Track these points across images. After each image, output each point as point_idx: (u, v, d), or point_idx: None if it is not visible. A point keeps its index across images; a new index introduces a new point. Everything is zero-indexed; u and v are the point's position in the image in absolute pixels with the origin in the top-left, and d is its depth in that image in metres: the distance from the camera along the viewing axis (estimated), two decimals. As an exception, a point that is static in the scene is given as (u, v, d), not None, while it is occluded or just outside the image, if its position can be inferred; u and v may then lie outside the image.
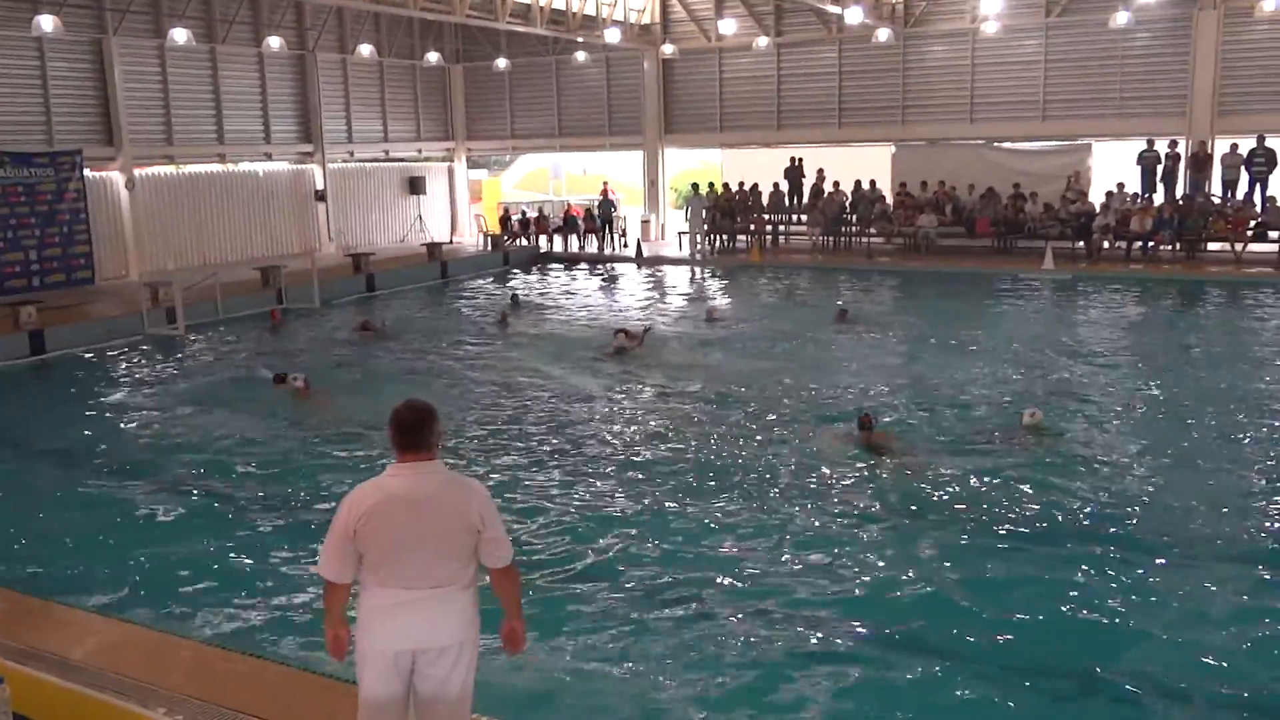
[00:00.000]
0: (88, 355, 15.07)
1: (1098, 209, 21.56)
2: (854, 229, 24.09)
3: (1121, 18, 20.92)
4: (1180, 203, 21.15)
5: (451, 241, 27.42)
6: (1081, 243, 21.50)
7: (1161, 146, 21.73)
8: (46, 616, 6.08)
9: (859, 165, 24.66)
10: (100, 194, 20.67)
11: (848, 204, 24.37)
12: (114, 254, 21.04)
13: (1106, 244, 21.19)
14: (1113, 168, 22.68)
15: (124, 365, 14.66)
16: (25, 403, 12.69)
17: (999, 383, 11.99)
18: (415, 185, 28.18)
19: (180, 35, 20.09)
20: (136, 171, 21.36)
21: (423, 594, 3.76)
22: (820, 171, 24.80)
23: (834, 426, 10.09)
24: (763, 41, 24.90)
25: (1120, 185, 21.77)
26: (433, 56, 26.86)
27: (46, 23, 17.94)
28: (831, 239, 24.32)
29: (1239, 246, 20.17)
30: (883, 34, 23.03)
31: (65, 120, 20.09)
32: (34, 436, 11.01)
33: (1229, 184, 21.31)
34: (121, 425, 11.41)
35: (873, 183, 24.34)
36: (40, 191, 19.18)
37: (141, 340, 15.98)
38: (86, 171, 20.08)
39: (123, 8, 20.52)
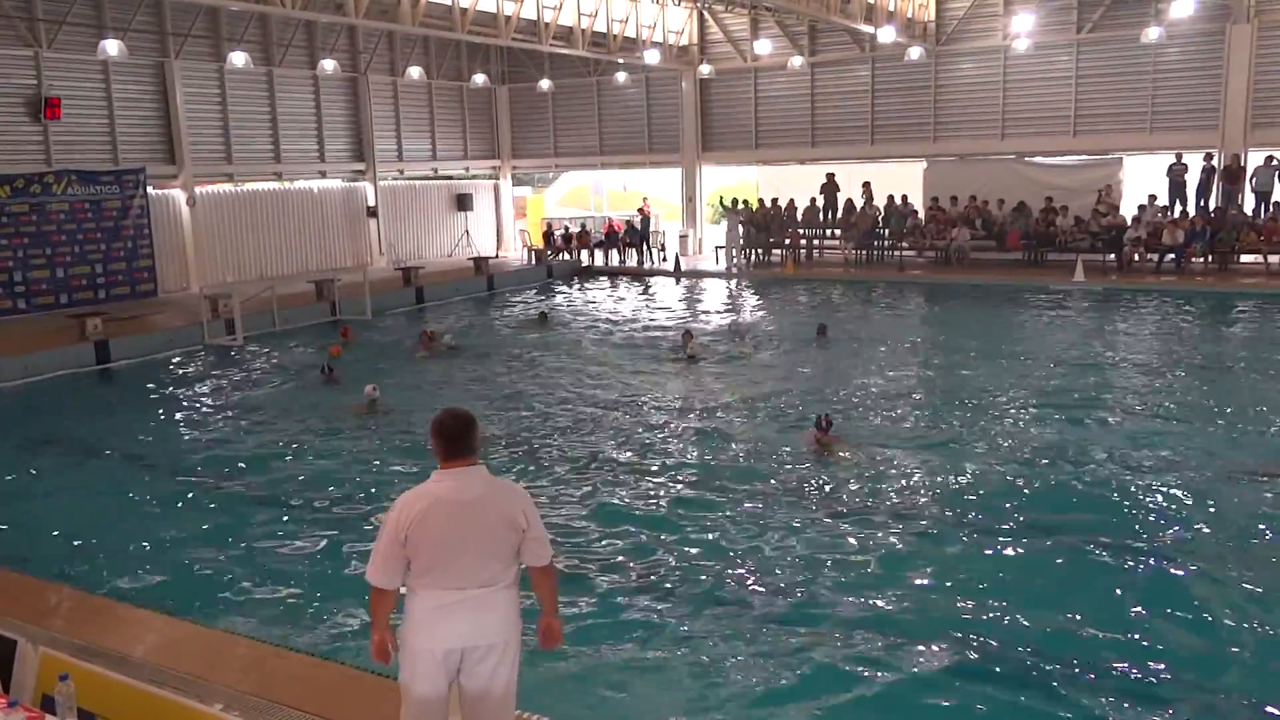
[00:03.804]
0: (151, 365, 15.44)
1: (1129, 222, 21.70)
2: (886, 243, 24.42)
3: (1154, 32, 21.07)
4: (1213, 215, 21.25)
5: (497, 256, 27.91)
6: (1112, 255, 21.67)
7: (1193, 159, 21.80)
8: (109, 614, 6.22)
9: (891, 180, 24.93)
10: (163, 210, 21.33)
11: (880, 218, 24.69)
12: (175, 267, 21.69)
13: (1137, 256, 21.34)
14: (1144, 181, 22.69)
15: (185, 374, 15.02)
16: (91, 409, 13.03)
17: (1003, 387, 12.30)
18: (462, 202, 28.75)
19: (239, 58, 20.81)
20: (197, 189, 22.08)
21: (470, 594, 3.85)
22: (866, 185, 24.98)
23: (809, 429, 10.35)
24: (797, 61, 25.27)
25: (1152, 198, 21.87)
26: (479, 78, 27.56)
27: (112, 47, 18.65)
28: (864, 253, 24.65)
29: (1274, 258, 20.23)
30: (915, 52, 23.37)
31: (129, 140, 20.81)
32: (99, 442, 11.26)
33: (1262, 195, 21.36)
34: (182, 431, 11.70)
35: (904, 198, 24.61)
36: (106, 208, 19.94)
37: (201, 350, 16.40)
38: (150, 189, 20.78)
39: (184, 32, 21.29)
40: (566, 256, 26.99)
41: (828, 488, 8.94)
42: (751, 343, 16.27)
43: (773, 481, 9.12)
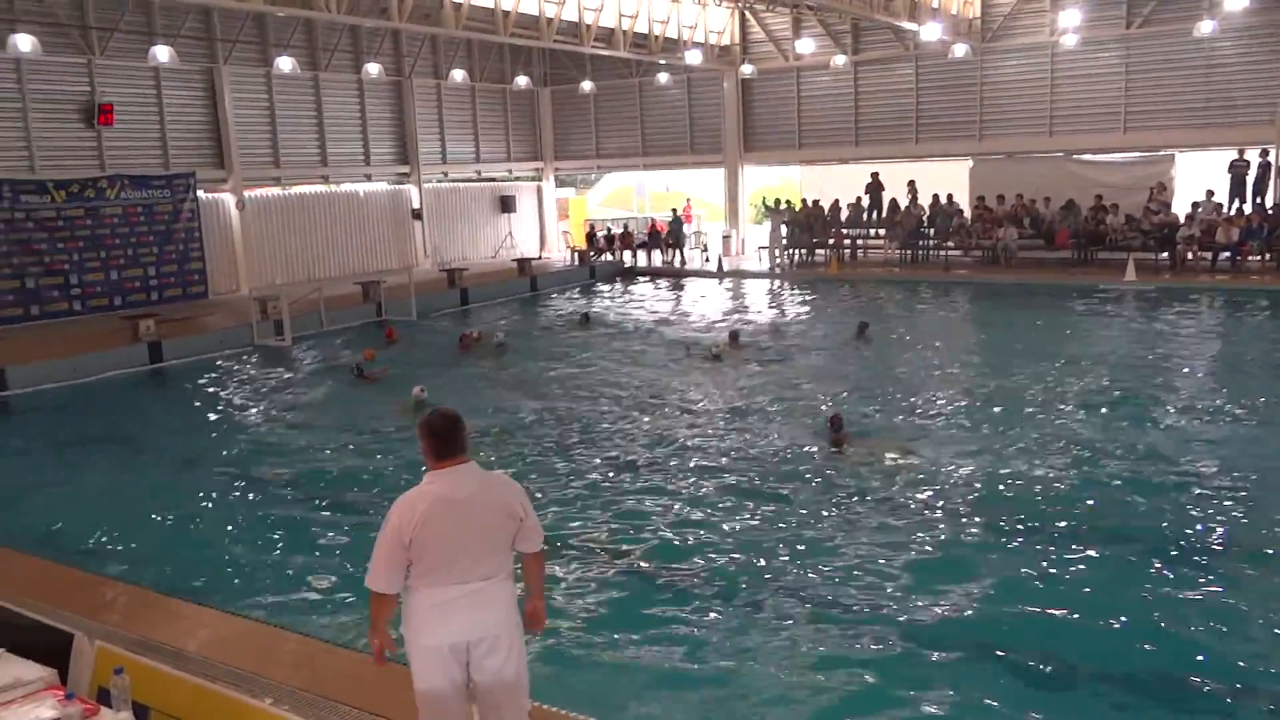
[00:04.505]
0: (202, 365, 15.67)
1: (1182, 219, 21.31)
2: (931, 242, 24.20)
3: (1206, 26, 20.66)
4: (1270, 212, 20.79)
5: (540, 257, 28.03)
6: (1165, 254, 21.28)
7: (1253, 156, 21.36)
8: (162, 610, 6.32)
9: (937, 179, 24.65)
10: (213, 213, 21.66)
11: (925, 218, 24.48)
12: (225, 270, 22.00)
13: (1191, 255, 20.93)
14: (1198, 178, 22.25)
15: (235, 374, 15.23)
16: (144, 409, 13.35)
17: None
18: (506, 204, 28.89)
19: (286, 64, 21.09)
20: (246, 192, 22.39)
21: (474, 587, 3.93)
22: (911, 184, 24.76)
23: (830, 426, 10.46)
24: (840, 60, 25.11)
25: (1210, 193, 21.42)
26: (522, 80, 27.67)
27: (162, 53, 18.96)
28: (909, 252, 24.44)
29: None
30: (960, 49, 23.06)
31: (180, 145, 21.14)
32: (152, 441, 11.50)
33: (1320, 192, 20.90)
34: (232, 431, 11.88)
35: (950, 196, 24.37)
36: (158, 212, 20.31)
37: (251, 351, 16.66)
38: (200, 193, 21.13)
39: (232, 38, 21.60)
40: (609, 257, 27.02)
41: (845, 488, 8.88)
42: (788, 342, 16.19)
43: (793, 481, 9.11)
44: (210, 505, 9.05)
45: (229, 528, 8.41)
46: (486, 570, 3.98)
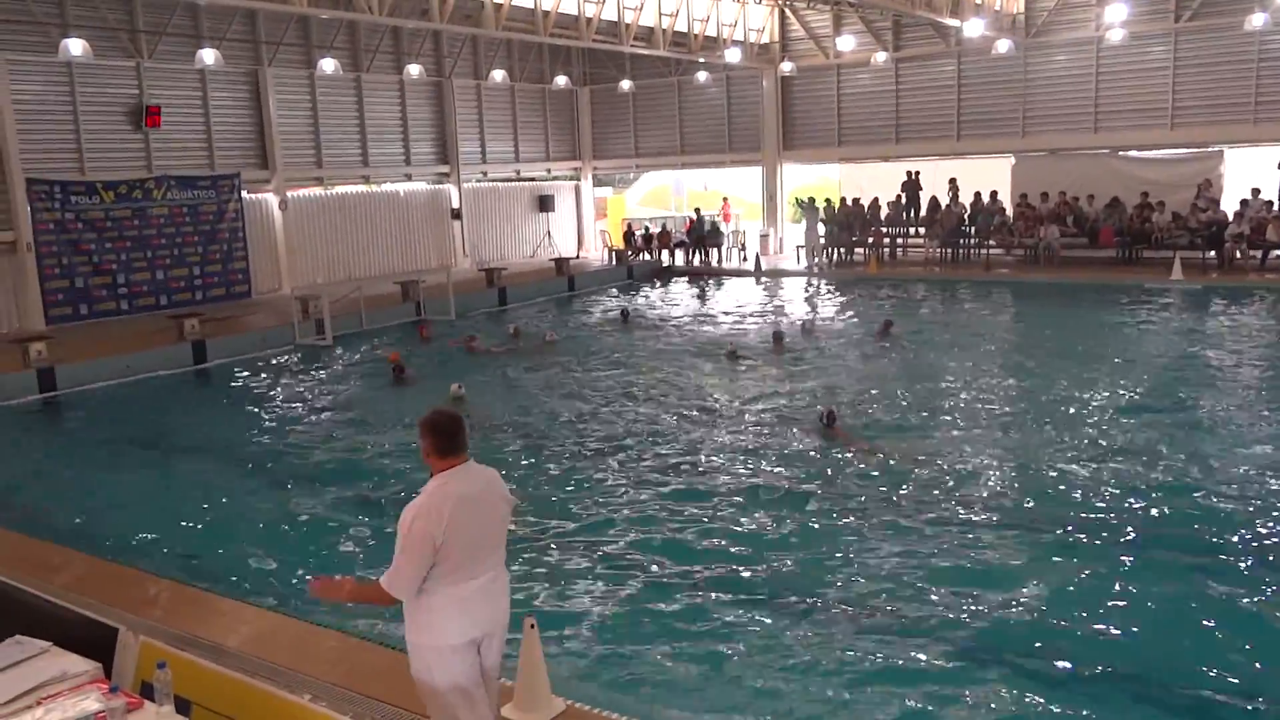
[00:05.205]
0: (245, 364, 15.89)
1: (1230, 217, 20.91)
2: (972, 241, 23.93)
3: (1258, 19, 20.22)
4: (1322, 210, 20.37)
5: (578, 256, 28.12)
6: (1212, 252, 20.89)
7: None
8: (204, 606, 6.41)
9: (979, 177, 24.38)
10: (256, 214, 21.94)
11: (966, 216, 24.22)
12: (268, 269, 22.27)
13: (1239, 254, 20.53)
14: (1247, 175, 21.81)
15: (277, 373, 15.44)
16: (189, 407, 13.55)
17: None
18: (544, 203, 28.99)
19: (329, 65, 21.36)
20: (289, 192, 22.65)
21: (488, 578, 4.10)
22: (952, 181, 24.53)
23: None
24: (881, 57, 24.93)
25: (1256, 191, 21.02)
26: (561, 80, 27.77)
27: (208, 56, 19.17)
28: (950, 251, 24.20)
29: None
30: (1003, 45, 22.74)
31: (225, 146, 21.42)
32: (195, 439, 11.59)
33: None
34: (273, 429, 12.04)
35: (993, 194, 24.10)
36: (203, 212, 20.64)
37: (292, 350, 16.86)
38: (244, 193, 21.44)
39: (277, 41, 21.87)
40: (647, 256, 27.02)
41: (850, 487, 8.87)
42: (816, 342, 16.10)
43: (801, 479, 9.11)
44: (250, 502, 9.16)
45: (268, 525, 8.52)
46: (494, 560, 4.16)
